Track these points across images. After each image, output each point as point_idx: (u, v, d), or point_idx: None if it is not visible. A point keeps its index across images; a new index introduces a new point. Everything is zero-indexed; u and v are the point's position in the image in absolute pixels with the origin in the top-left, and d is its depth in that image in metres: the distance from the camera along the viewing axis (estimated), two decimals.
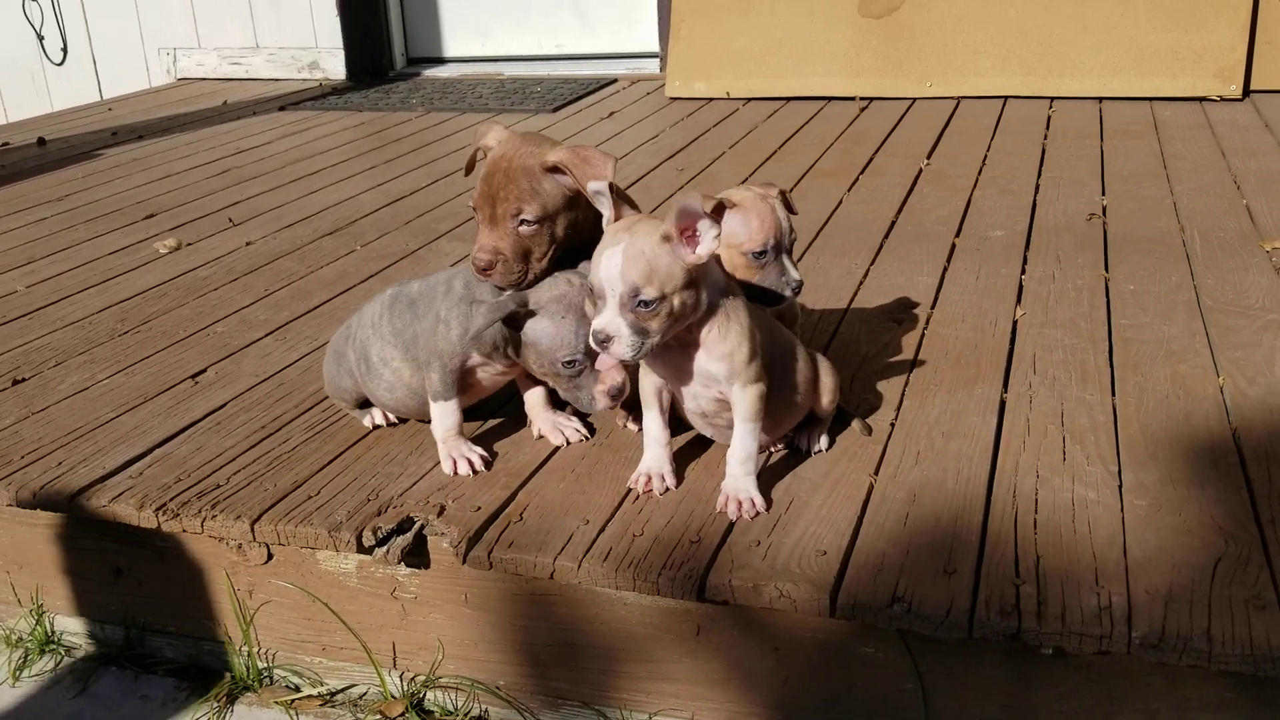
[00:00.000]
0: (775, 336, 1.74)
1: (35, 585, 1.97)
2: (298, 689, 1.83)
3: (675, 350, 1.66)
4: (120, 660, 1.92)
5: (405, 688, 1.78)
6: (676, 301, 1.56)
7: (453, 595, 1.71)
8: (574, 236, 1.80)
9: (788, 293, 1.78)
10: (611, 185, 1.62)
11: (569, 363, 1.74)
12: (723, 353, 1.63)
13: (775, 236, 1.77)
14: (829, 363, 1.85)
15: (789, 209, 1.82)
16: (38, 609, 1.97)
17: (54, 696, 1.87)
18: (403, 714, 1.75)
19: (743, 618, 1.56)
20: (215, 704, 1.81)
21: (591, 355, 1.69)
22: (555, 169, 1.75)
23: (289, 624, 1.82)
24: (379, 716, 1.75)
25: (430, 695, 1.77)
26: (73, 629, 1.97)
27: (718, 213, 1.77)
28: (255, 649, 1.85)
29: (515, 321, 1.75)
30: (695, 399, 1.72)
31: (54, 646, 1.97)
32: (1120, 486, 1.68)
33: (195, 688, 1.86)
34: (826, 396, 1.80)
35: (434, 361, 1.81)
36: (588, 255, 1.79)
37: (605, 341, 1.57)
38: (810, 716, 1.58)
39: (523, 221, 1.76)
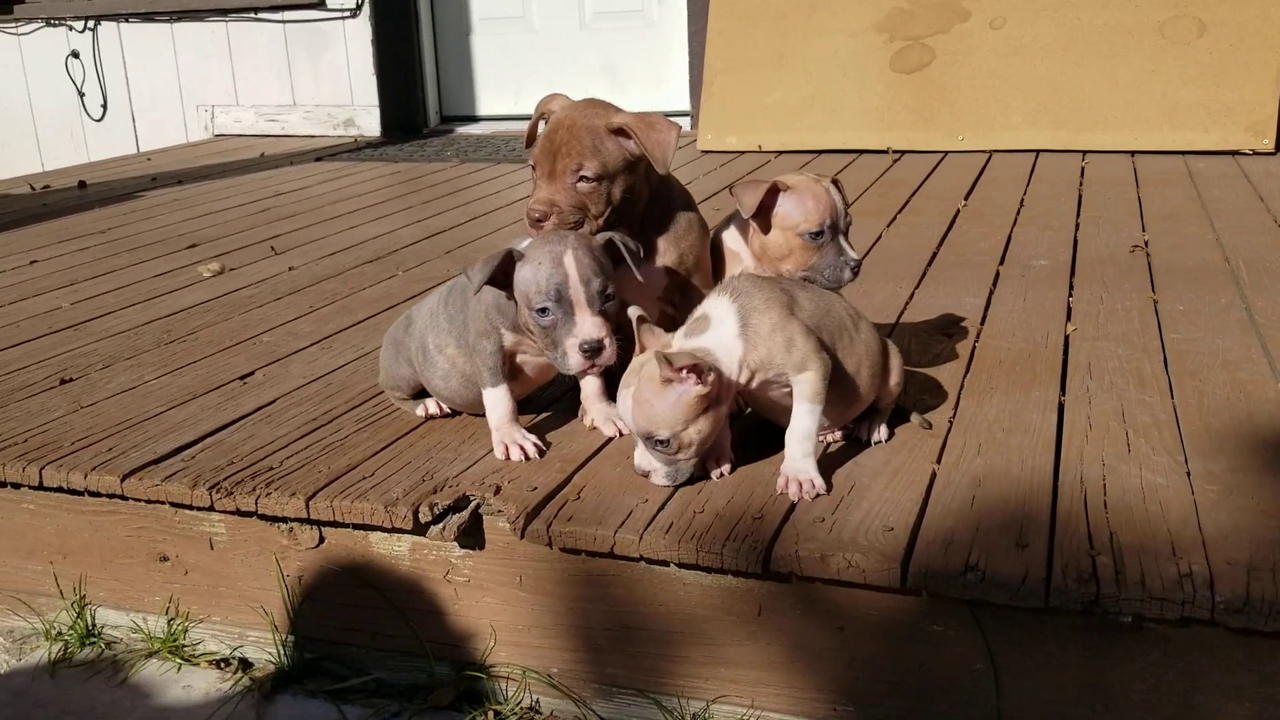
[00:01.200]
0: (835, 310, 1.72)
1: (78, 575, 1.94)
2: (344, 679, 1.79)
3: None
4: (162, 653, 1.89)
5: (455, 676, 1.74)
6: (695, 430, 1.59)
7: (507, 578, 1.67)
8: (630, 202, 1.80)
9: (847, 273, 1.78)
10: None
11: (541, 310, 1.66)
12: (761, 357, 1.63)
13: (831, 217, 1.77)
14: (894, 344, 1.84)
15: (842, 197, 1.82)
16: (79, 600, 1.95)
17: (94, 686, 1.84)
18: (452, 703, 1.71)
19: (806, 596, 1.53)
20: (259, 694, 1.77)
21: (567, 309, 1.66)
22: (620, 131, 1.76)
23: (337, 611, 1.79)
24: (427, 706, 1.71)
25: (481, 684, 1.73)
26: (114, 621, 1.94)
27: (771, 195, 1.78)
28: (301, 637, 1.82)
29: (508, 271, 1.69)
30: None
31: (94, 640, 1.93)
32: (1189, 474, 1.65)
33: (239, 679, 1.82)
34: (895, 376, 1.79)
35: (478, 343, 1.80)
36: (636, 228, 1.80)
37: (645, 475, 1.66)
38: (876, 699, 1.53)
39: (582, 178, 1.76)
